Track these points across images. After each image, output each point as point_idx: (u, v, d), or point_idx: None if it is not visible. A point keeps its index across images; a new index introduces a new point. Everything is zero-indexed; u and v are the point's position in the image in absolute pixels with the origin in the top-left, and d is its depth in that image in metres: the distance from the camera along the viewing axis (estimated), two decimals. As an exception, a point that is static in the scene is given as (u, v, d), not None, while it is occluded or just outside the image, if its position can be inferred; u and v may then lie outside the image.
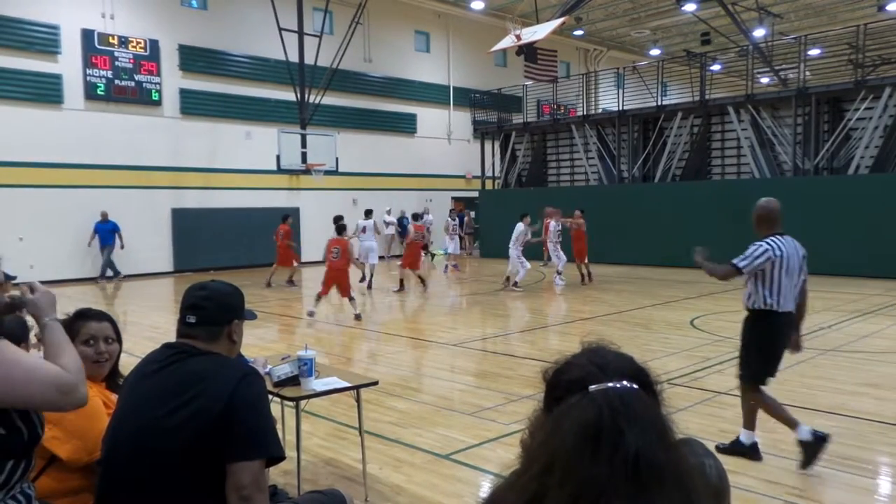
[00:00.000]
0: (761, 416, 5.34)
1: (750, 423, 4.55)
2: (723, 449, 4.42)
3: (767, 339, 4.52)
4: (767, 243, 4.40)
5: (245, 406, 2.01)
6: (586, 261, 14.82)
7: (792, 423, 4.37)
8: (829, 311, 10.37)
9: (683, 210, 17.58)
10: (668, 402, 1.07)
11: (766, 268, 4.37)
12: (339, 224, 11.30)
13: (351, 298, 10.67)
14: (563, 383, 1.06)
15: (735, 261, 4.44)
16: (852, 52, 17.14)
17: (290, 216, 16.07)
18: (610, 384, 1.01)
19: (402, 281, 14.28)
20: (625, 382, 1.02)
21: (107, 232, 16.75)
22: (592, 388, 1.01)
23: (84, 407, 2.43)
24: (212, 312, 2.21)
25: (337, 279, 10.62)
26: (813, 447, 4.15)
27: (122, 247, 16.90)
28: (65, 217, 16.69)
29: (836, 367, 6.95)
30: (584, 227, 14.78)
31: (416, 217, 15.88)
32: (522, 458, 1.05)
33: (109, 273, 16.86)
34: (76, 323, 2.59)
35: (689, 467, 1.00)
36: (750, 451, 4.44)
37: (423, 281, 14.43)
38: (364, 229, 15.51)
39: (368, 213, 16.08)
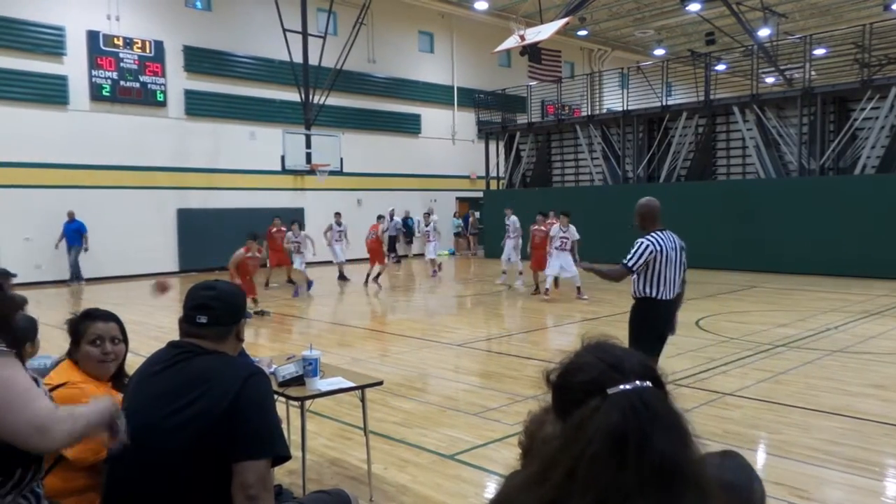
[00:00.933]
0: (768, 416, 5.34)
1: None
2: None
3: (646, 323, 4.91)
4: (648, 239, 4.82)
5: (251, 405, 2.02)
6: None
7: None
8: (836, 311, 10.33)
9: (688, 210, 17.50)
10: (673, 396, 1.06)
11: (650, 261, 4.81)
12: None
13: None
14: (576, 385, 1.04)
15: (625, 261, 4.86)
16: (858, 52, 17.08)
17: (278, 217, 15.85)
18: (628, 386, 0.99)
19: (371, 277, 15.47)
20: (639, 382, 1.00)
21: (72, 232, 16.24)
22: (611, 391, 0.99)
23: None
24: (222, 313, 2.23)
25: None
26: None
27: (86, 249, 16.37)
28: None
29: (843, 367, 6.92)
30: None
31: (379, 218, 16.41)
32: (537, 462, 1.04)
33: (83, 275, 16.44)
34: (83, 323, 2.60)
35: (705, 467, 1.00)
36: None
37: (373, 277, 15.36)
38: (330, 227, 16.15)
39: (338, 215, 16.35)
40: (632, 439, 0.94)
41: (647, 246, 4.78)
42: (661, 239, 4.81)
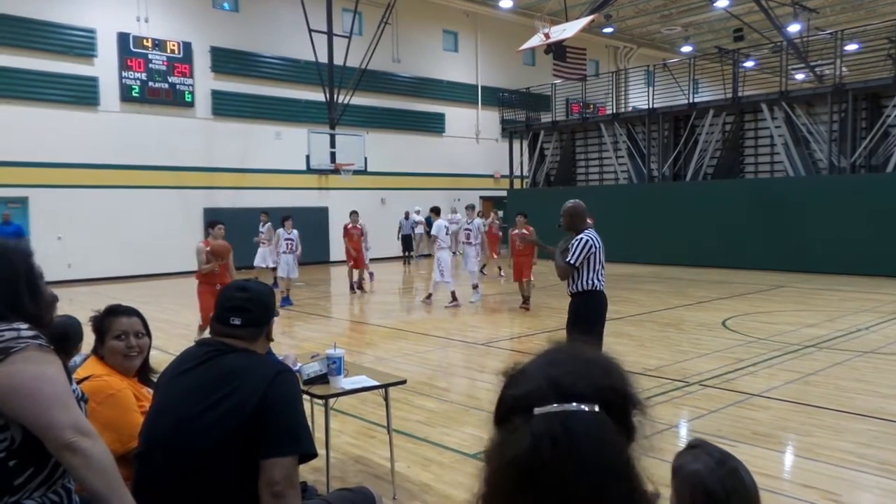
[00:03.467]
0: (798, 418, 5.25)
1: None
2: None
3: (593, 313, 5.26)
4: (586, 236, 5.27)
5: (279, 403, 2.04)
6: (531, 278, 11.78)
7: None
8: (867, 312, 10.12)
9: (715, 209, 17.33)
10: (648, 424, 0.86)
11: (590, 255, 5.23)
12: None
13: None
14: (507, 399, 0.88)
15: (568, 259, 5.24)
16: (892, 47, 16.71)
17: (356, 212, 14.80)
18: (556, 407, 0.81)
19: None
20: (579, 405, 0.81)
21: (10, 236, 13.37)
22: (537, 410, 0.82)
23: (117, 399, 2.48)
24: (257, 315, 2.26)
25: None
26: None
27: None
28: (100, 216, 17.05)
29: (874, 369, 6.78)
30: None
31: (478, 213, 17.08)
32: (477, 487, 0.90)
33: None
34: (107, 319, 2.65)
35: None
36: None
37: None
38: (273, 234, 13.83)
39: (288, 220, 13.27)
40: (545, 474, 0.77)
41: (587, 241, 5.23)
42: (595, 236, 5.31)
